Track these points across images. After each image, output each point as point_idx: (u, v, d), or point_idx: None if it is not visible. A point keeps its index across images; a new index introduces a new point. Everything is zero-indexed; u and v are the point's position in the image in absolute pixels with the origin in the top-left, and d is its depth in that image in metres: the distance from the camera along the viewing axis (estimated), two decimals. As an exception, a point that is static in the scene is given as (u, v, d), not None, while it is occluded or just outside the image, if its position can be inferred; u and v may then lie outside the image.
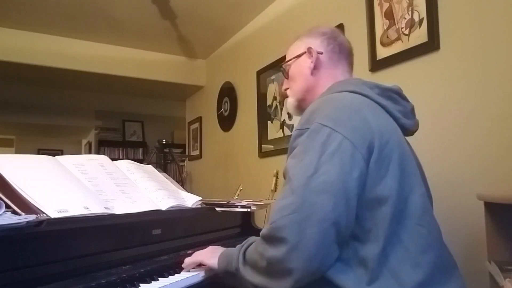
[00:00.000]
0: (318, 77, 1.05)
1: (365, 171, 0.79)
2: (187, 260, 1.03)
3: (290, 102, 1.12)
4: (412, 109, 1.02)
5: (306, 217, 0.74)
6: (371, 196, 0.80)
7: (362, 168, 0.79)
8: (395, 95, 0.96)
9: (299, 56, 1.08)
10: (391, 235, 0.79)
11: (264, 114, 2.77)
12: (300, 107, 1.09)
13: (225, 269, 0.94)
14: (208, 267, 1.00)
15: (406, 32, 1.66)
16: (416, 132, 1.06)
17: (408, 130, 0.99)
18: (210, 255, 1.01)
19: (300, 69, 1.08)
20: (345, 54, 1.10)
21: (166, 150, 3.88)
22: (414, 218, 0.82)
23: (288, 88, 1.13)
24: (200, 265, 1.04)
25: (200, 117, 3.93)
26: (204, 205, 1.48)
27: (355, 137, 0.80)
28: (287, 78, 1.13)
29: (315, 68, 1.05)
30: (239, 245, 0.94)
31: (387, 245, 0.78)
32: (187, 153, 4.25)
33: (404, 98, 0.99)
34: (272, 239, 0.79)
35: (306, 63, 1.06)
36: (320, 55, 1.05)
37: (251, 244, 0.91)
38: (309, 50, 1.06)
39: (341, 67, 1.07)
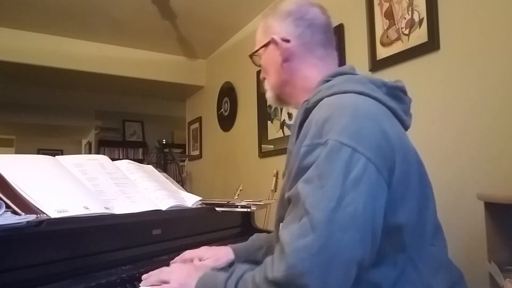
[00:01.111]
0: (292, 69, 0.92)
1: (386, 198, 0.70)
2: (152, 278, 0.86)
3: (269, 96, 1.00)
4: (410, 105, 0.91)
5: (332, 258, 0.63)
6: (391, 223, 0.71)
7: (385, 195, 0.69)
8: (401, 93, 0.87)
9: (265, 45, 0.95)
10: (407, 258, 0.73)
11: (264, 114, 2.77)
12: (281, 99, 0.99)
13: None
14: None
15: (406, 32, 1.66)
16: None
17: (405, 126, 0.88)
18: (184, 279, 0.82)
19: (270, 61, 0.95)
20: (320, 32, 0.92)
21: (166, 150, 3.88)
22: (428, 238, 0.77)
23: (265, 78, 1.00)
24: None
25: (200, 117, 3.93)
26: (204, 205, 1.48)
27: (378, 158, 0.69)
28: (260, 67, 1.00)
29: (286, 61, 0.92)
30: (222, 276, 0.76)
31: (401, 267, 0.72)
32: (187, 153, 4.25)
33: (406, 93, 0.90)
34: (290, 287, 0.65)
35: (274, 55, 0.93)
36: (288, 43, 0.91)
37: (241, 278, 0.74)
38: (273, 41, 0.92)
39: (318, 51, 0.92)
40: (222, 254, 1.06)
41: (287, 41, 0.91)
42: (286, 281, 0.64)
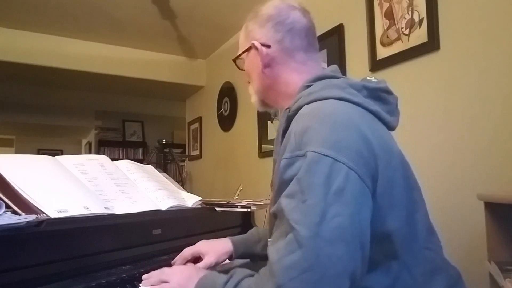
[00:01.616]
0: (274, 74, 0.91)
1: (372, 207, 0.68)
2: (153, 278, 0.86)
3: (254, 100, 0.99)
4: (397, 103, 0.88)
5: (322, 275, 0.61)
6: (380, 231, 0.69)
7: (370, 204, 0.67)
8: (383, 93, 0.84)
9: (247, 50, 0.94)
10: (401, 264, 0.71)
11: (264, 114, 2.77)
12: (265, 104, 0.98)
13: None
14: None
15: (406, 32, 1.66)
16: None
17: (390, 127, 0.85)
18: (184, 281, 0.83)
19: (251, 66, 0.94)
20: (301, 37, 0.90)
21: (166, 150, 3.88)
22: (421, 242, 0.75)
23: (249, 82, 0.99)
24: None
25: (200, 117, 3.93)
26: (204, 205, 1.48)
27: (360, 166, 0.67)
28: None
29: (267, 66, 0.90)
30: (220, 280, 0.76)
31: (395, 273, 0.71)
32: (187, 153, 4.25)
33: (391, 93, 0.87)
34: None
35: (255, 60, 0.91)
36: (268, 49, 0.89)
37: (239, 284, 0.73)
38: (254, 46, 0.90)
39: (299, 56, 0.90)
40: (220, 248, 1.06)
41: (268, 46, 0.89)
42: None
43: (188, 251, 1.03)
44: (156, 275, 0.87)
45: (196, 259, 1.03)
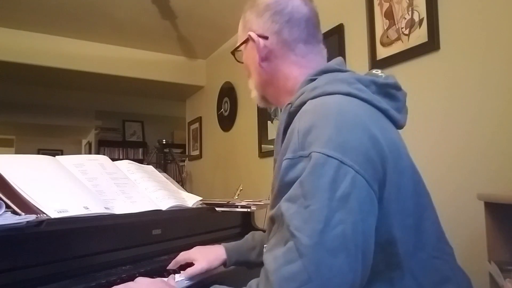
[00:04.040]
0: (273, 68, 0.85)
1: (377, 213, 0.64)
2: None
3: (253, 96, 0.94)
4: (405, 100, 0.83)
5: (323, 286, 0.57)
6: (384, 237, 0.65)
7: (376, 211, 0.63)
8: (392, 90, 0.79)
9: (245, 42, 0.88)
10: (404, 272, 0.67)
11: (264, 114, 2.77)
12: (266, 100, 0.92)
13: None
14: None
15: (406, 32, 1.66)
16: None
17: (399, 126, 0.80)
18: None
19: (249, 60, 0.88)
20: (300, 27, 0.84)
21: (166, 150, 3.88)
22: (428, 249, 0.71)
23: (249, 77, 0.94)
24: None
25: (200, 117, 3.93)
26: (204, 205, 1.48)
27: (367, 169, 0.63)
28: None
29: (265, 60, 0.85)
30: None
31: (400, 284, 0.67)
32: (187, 153, 4.25)
33: (400, 88, 0.83)
34: None
35: (253, 53, 0.86)
36: (266, 41, 0.83)
37: None
38: (250, 37, 0.85)
39: (298, 48, 0.84)
40: (213, 257, 1.04)
41: (265, 38, 0.83)
42: None
43: (181, 256, 1.02)
44: None
45: (189, 264, 1.02)
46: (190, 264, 1.01)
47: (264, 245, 0.74)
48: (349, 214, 0.59)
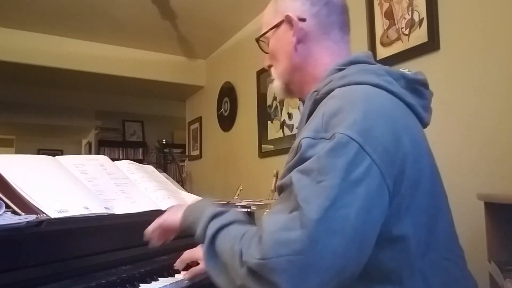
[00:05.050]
0: (306, 52, 0.83)
1: (387, 208, 0.63)
2: (149, 228, 0.93)
3: (277, 85, 0.91)
4: (431, 100, 0.83)
5: (312, 262, 0.57)
6: (395, 233, 0.64)
7: (385, 205, 0.62)
8: (421, 87, 0.79)
9: (276, 26, 0.86)
10: (414, 272, 0.66)
11: (264, 114, 2.77)
12: (289, 90, 0.90)
13: (188, 227, 0.83)
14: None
15: (406, 32, 1.66)
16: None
17: (424, 124, 0.80)
18: (173, 210, 0.90)
19: (280, 44, 0.86)
20: (337, 13, 0.85)
21: (166, 150, 3.88)
22: (441, 250, 0.70)
23: (271, 65, 0.91)
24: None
25: (200, 117, 3.93)
26: (204, 205, 1.48)
27: (384, 161, 0.62)
28: (268, 53, 0.91)
29: (300, 42, 0.83)
30: (209, 212, 0.76)
31: (410, 284, 0.66)
32: (187, 153, 4.25)
33: (428, 87, 0.82)
34: (260, 278, 0.61)
35: (287, 36, 0.83)
36: (303, 23, 0.82)
37: (226, 227, 0.72)
38: (287, 19, 0.83)
39: (334, 34, 0.84)
40: None
41: (303, 20, 0.82)
42: (256, 270, 0.61)
43: (186, 255, 1.03)
44: (151, 225, 0.94)
45: (195, 263, 1.03)
46: (194, 263, 1.02)
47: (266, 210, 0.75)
48: (356, 199, 0.59)
